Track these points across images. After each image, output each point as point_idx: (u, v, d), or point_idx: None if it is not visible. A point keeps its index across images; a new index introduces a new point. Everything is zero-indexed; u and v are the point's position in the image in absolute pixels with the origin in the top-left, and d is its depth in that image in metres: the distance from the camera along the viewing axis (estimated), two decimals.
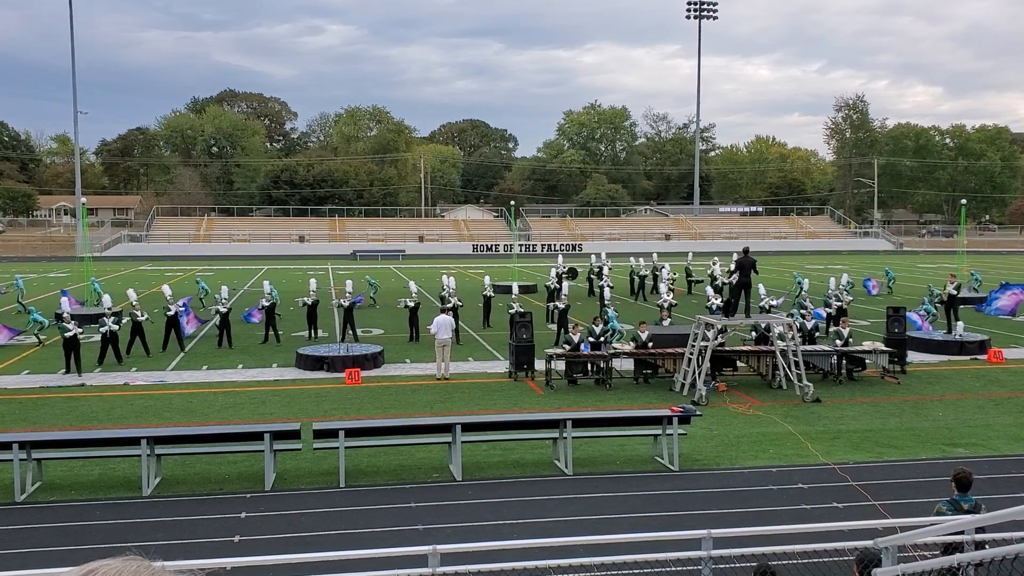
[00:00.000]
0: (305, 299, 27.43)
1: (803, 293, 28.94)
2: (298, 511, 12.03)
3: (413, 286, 27.85)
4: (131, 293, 25.90)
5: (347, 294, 26.25)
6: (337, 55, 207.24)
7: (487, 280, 30.72)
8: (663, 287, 31.18)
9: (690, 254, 46.17)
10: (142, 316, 23.97)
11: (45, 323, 26.47)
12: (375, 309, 34.35)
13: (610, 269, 36.80)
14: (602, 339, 21.66)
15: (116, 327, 22.84)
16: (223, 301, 26.06)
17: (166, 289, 26.85)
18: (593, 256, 41.27)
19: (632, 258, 41.17)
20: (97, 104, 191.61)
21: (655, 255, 43.06)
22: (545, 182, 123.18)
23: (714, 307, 24.98)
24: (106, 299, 25.54)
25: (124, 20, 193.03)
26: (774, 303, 24.84)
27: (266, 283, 28.43)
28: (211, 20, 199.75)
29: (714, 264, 37.33)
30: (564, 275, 35.38)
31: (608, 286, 34.76)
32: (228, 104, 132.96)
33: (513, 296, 26.33)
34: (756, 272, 20.28)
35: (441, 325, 21.28)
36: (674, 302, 29.15)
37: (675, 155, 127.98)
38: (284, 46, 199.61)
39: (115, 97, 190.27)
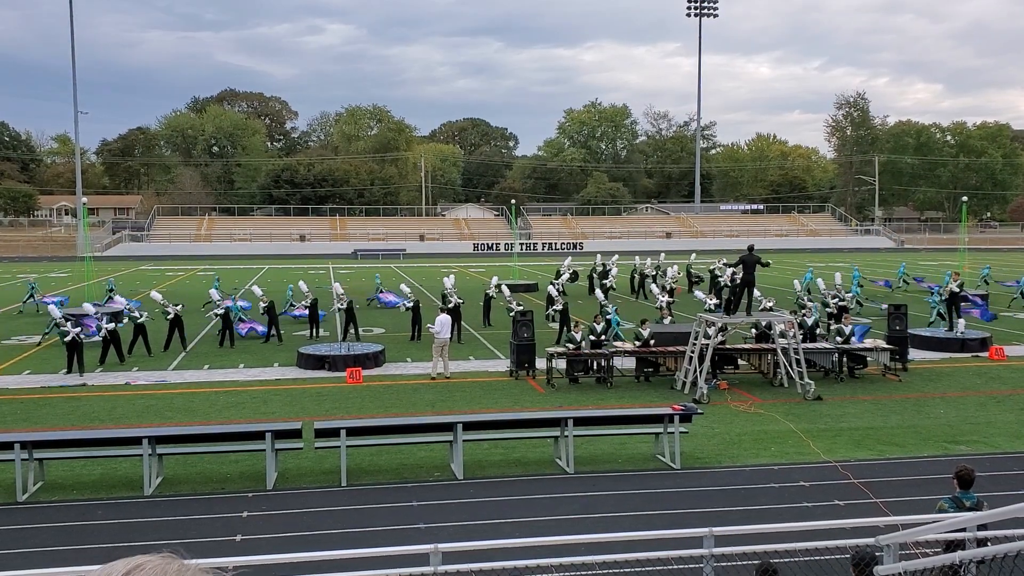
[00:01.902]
0: (304, 303, 27.52)
1: (799, 292, 29.08)
2: (300, 510, 12.04)
3: (405, 287, 28.00)
4: (120, 299, 26.00)
5: (339, 296, 26.36)
6: (337, 54, 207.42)
7: (494, 280, 30.78)
8: (655, 288, 31.20)
9: (693, 255, 46.28)
10: (141, 316, 24.01)
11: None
12: (375, 308, 34.34)
13: (615, 274, 37.13)
14: (603, 337, 21.68)
15: (110, 325, 22.84)
16: (217, 302, 26.18)
17: (155, 295, 26.92)
18: (598, 255, 41.40)
19: (637, 258, 41.30)
20: (98, 104, 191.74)
21: (662, 255, 43.22)
22: (546, 181, 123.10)
23: (710, 307, 25.01)
24: (87, 307, 25.42)
25: (125, 20, 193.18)
26: (769, 304, 24.86)
27: (256, 288, 28.77)
28: (212, 20, 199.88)
29: (719, 262, 37.41)
30: (564, 274, 35.63)
31: (611, 287, 35.03)
32: (229, 104, 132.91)
33: (507, 296, 26.39)
34: (763, 264, 20.19)
35: (444, 324, 21.28)
36: (673, 300, 29.19)
37: (676, 153, 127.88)
38: (284, 46, 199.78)
39: (116, 97, 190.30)
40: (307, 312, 27.76)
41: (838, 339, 21.19)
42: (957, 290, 27.53)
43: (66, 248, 78.66)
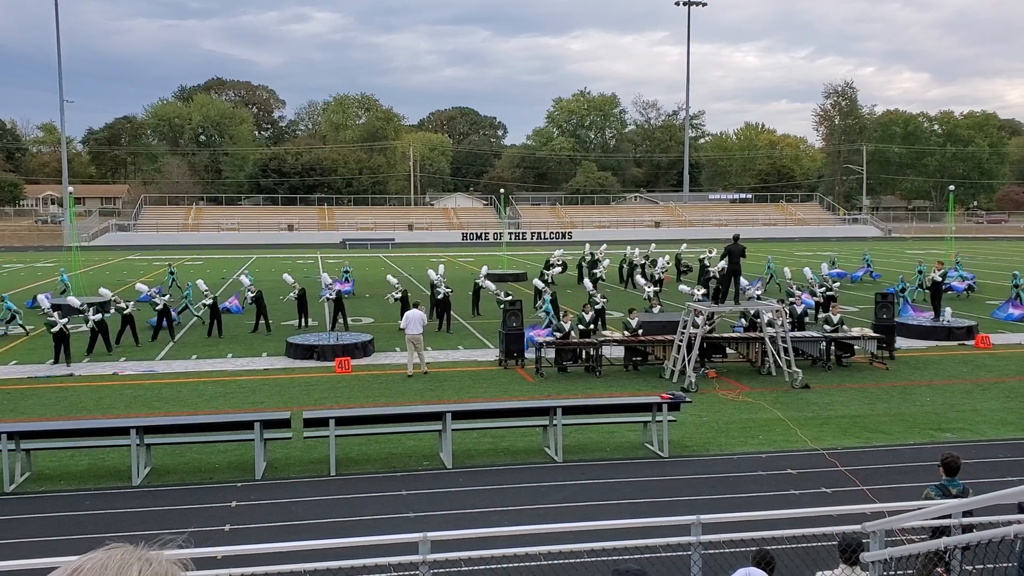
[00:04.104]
0: (291, 294, 27.41)
1: (788, 280, 29.19)
2: (289, 500, 12.04)
3: (392, 279, 27.92)
4: (104, 291, 25.90)
5: (327, 286, 26.27)
6: (325, 43, 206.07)
7: (484, 270, 30.76)
8: (640, 280, 31.33)
9: (684, 245, 46.44)
10: (128, 308, 23.93)
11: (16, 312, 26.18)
12: (365, 299, 34.30)
13: (607, 265, 37.29)
14: (592, 326, 21.70)
15: (98, 316, 22.75)
16: (206, 292, 26.09)
17: (141, 287, 26.78)
18: (587, 245, 41.49)
19: (628, 247, 41.39)
20: (84, 93, 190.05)
21: (653, 245, 43.33)
22: (535, 170, 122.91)
23: (698, 297, 25.09)
24: (71, 300, 25.10)
25: (110, 8, 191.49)
26: (758, 293, 24.99)
27: (244, 278, 28.67)
28: (198, 8, 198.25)
29: (710, 253, 37.58)
30: (556, 267, 35.76)
31: (600, 277, 35.18)
32: (216, 92, 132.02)
33: (493, 289, 26.40)
34: (744, 257, 20.34)
35: (411, 320, 20.30)
36: (660, 289, 29.31)
37: (665, 142, 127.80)
38: (271, 34, 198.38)
39: (102, 86, 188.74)
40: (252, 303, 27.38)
41: (826, 327, 21.28)
42: (940, 280, 27.69)
43: (52, 238, 78.13)
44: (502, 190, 65.61)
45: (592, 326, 22.12)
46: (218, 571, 6.16)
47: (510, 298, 23.01)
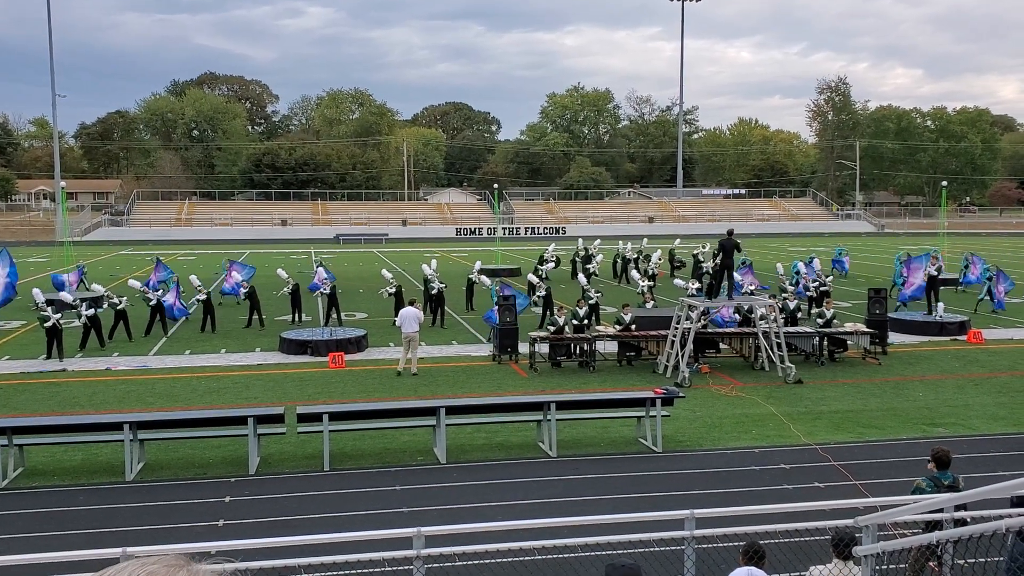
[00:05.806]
0: (285, 289, 27.36)
1: (780, 276, 29.28)
2: (282, 495, 12.04)
3: (387, 273, 27.86)
4: (97, 286, 25.87)
5: (324, 280, 26.23)
6: (318, 37, 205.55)
7: (477, 265, 30.75)
8: (635, 274, 31.34)
9: (677, 240, 46.49)
10: (121, 303, 23.87)
11: None
12: (358, 294, 34.28)
13: (600, 260, 37.35)
14: (585, 321, 21.68)
15: (91, 312, 22.70)
16: (200, 288, 26.04)
17: (134, 283, 26.74)
18: (581, 240, 41.53)
19: (620, 242, 41.41)
20: (76, 87, 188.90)
21: (645, 240, 43.38)
22: (528, 165, 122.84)
23: (691, 291, 25.13)
24: (64, 295, 25.11)
25: (102, 2, 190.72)
26: (751, 288, 25.02)
27: (236, 274, 28.68)
28: (189, 2, 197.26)
29: (704, 248, 37.62)
30: (550, 262, 35.81)
31: (594, 272, 35.26)
32: (209, 87, 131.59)
33: (488, 284, 26.41)
34: (740, 252, 20.38)
35: (407, 318, 20.08)
36: (653, 284, 29.35)
37: (658, 138, 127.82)
38: (265, 28, 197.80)
39: (94, 80, 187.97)
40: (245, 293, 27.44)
41: (819, 322, 21.33)
42: (935, 274, 27.74)
43: (45, 233, 77.86)
44: (496, 185, 65.58)
45: (586, 321, 22.13)
46: (212, 566, 6.15)
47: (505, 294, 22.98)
